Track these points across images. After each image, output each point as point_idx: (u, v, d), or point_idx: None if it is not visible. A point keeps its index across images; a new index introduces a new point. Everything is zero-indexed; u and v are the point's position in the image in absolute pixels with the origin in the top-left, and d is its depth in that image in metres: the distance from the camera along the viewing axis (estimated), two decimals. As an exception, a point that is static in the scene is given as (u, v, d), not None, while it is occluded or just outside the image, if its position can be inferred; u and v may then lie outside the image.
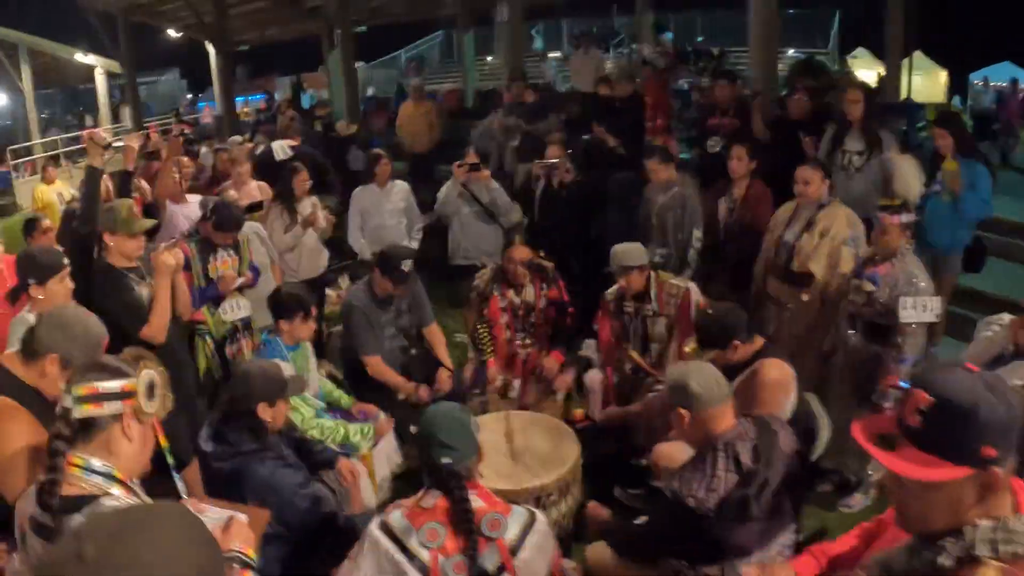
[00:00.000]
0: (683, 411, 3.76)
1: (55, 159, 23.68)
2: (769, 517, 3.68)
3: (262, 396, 4.26)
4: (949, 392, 2.02)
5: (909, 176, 6.26)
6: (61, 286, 4.52)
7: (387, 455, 5.79)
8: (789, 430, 3.95)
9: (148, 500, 2.73)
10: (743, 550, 3.70)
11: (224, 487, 4.15)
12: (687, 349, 5.02)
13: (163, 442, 2.83)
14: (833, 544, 3.20)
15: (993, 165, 7.02)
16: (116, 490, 2.59)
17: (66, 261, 4.59)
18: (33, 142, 25.71)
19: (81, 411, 2.60)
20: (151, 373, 2.74)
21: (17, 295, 4.64)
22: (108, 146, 5.88)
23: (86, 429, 2.62)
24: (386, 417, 5.81)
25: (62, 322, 3.64)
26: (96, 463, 2.61)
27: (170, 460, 2.96)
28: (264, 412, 4.25)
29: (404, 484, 5.77)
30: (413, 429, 6.17)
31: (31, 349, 3.62)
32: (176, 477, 3.11)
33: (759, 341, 4.79)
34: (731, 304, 5.00)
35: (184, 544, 1.65)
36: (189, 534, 1.69)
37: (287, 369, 4.75)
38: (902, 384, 2.17)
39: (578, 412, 6.33)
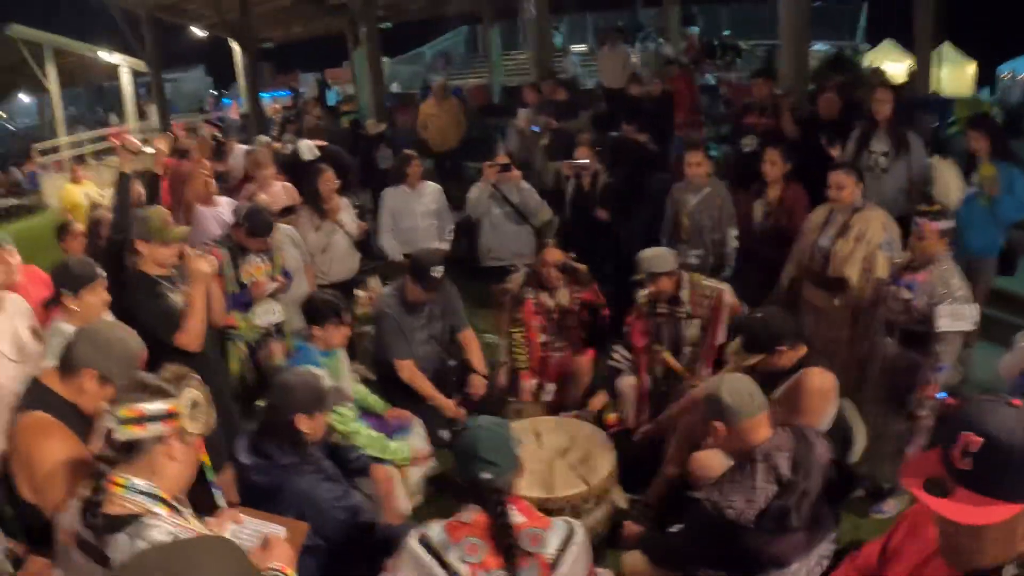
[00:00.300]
0: (719, 424, 3.74)
1: (81, 158, 23.79)
2: (808, 528, 3.67)
3: (301, 407, 4.20)
4: (997, 432, 1.98)
5: (949, 182, 6.19)
6: (95, 297, 4.53)
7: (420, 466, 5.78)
8: (825, 440, 3.93)
9: (191, 518, 2.72)
10: (782, 561, 3.70)
11: (261, 500, 4.09)
12: (730, 349, 4.97)
13: (205, 459, 2.80)
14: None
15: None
16: (159, 509, 2.58)
17: (100, 272, 4.59)
18: (59, 140, 25.79)
19: (124, 433, 2.60)
20: (194, 392, 2.74)
21: (51, 305, 4.63)
22: (139, 153, 5.88)
23: (129, 450, 2.63)
24: (423, 450, 5.78)
25: (100, 338, 3.65)
26: (139, 483, 2.61)
27: (211, 476, 2.93)
28: (302, 423, 4.19)
29: (436, 488, 5.81)
30: (444, 434, 6.25)
31: (69, 365, 3.63)
32: (216, 493, 3.08)
33: (803, 348, 4.74)
34: (779, 309, 4.99)
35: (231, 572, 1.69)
36: (232, 569, 1.72)
37: (327, 380, 4.70)
38: (939, 396, 2.13)
39: (611, 417, 6.26)
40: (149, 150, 6.04)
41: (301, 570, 4.12)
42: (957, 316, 5.03)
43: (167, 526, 2.52)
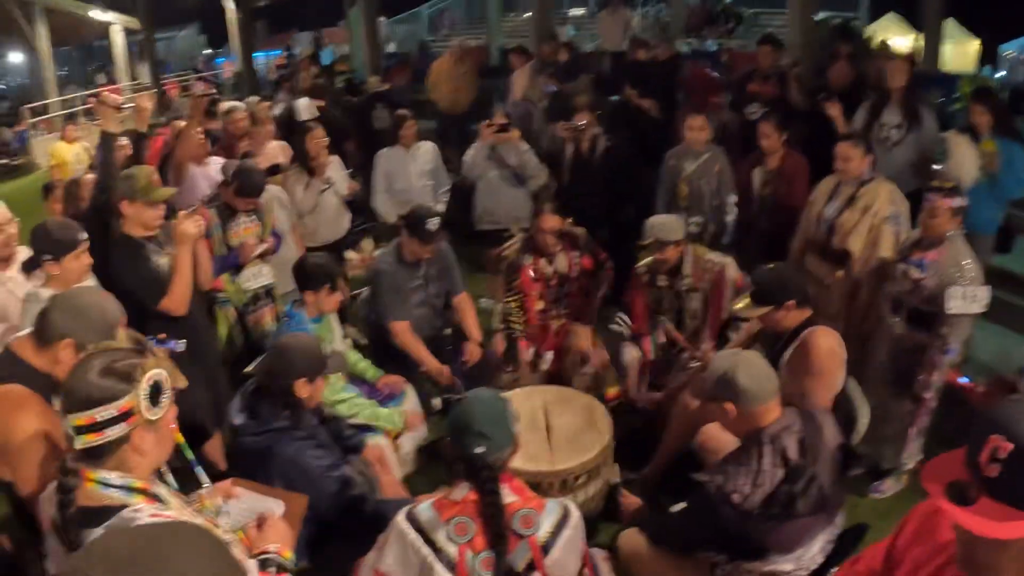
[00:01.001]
0: (729, 406, 3.62)
1: (72, 117, 23.62)
2: (814, 513, 3.56)
3: (302, 372, 4.13)
4: (1017, 432, 1.84)
5: (965, 158, 6.05)
6: (77, 263, 4.37)
7: (412, 436, 5.68)
8: (833, 421, 3.82)
9: (173, 499, 2.56)
10: (786, 546, 3.61)
11: (251, 462, 4.05)
12: (738, 306, 4.86)
13: (179, 438, 2.62)
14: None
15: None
16: (137, 501, 2.41)
17: (83, 236, 4.42)
18: (50, 100, 25.62)
19: (82, 442, 2.40)
20: (152, 372, 2.49)
21: (31, 268, 4.49)
22: (120, 108, 5.69)
23: (93, 456, 2.43)
24: (416, 413, 5.70)
25: (77, 305, 3.49)
26: (112, 477, 2.43)
27: (189, 455, 2.76)
28: (302, 389, 4.14)
29: (428, 457, 5.74)
30: (436, 403, 6.13)
31: (43, 334, 3.48)
32: (198, 471, 2.92)
33: (808, 310, 4.64)
34: (788, 266, 4.98)
35: (203, 568, 1.56)
36: (205, 559, 1.59)
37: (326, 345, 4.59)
38: (961, 380, 1.99)
39: (611, 391, 6.16)
40: (129, 106, 5.86)
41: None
42: (969, 298, 4.90)
43: (147, 519, 2.36)
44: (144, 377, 2.44)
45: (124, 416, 2.39)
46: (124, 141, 6.03)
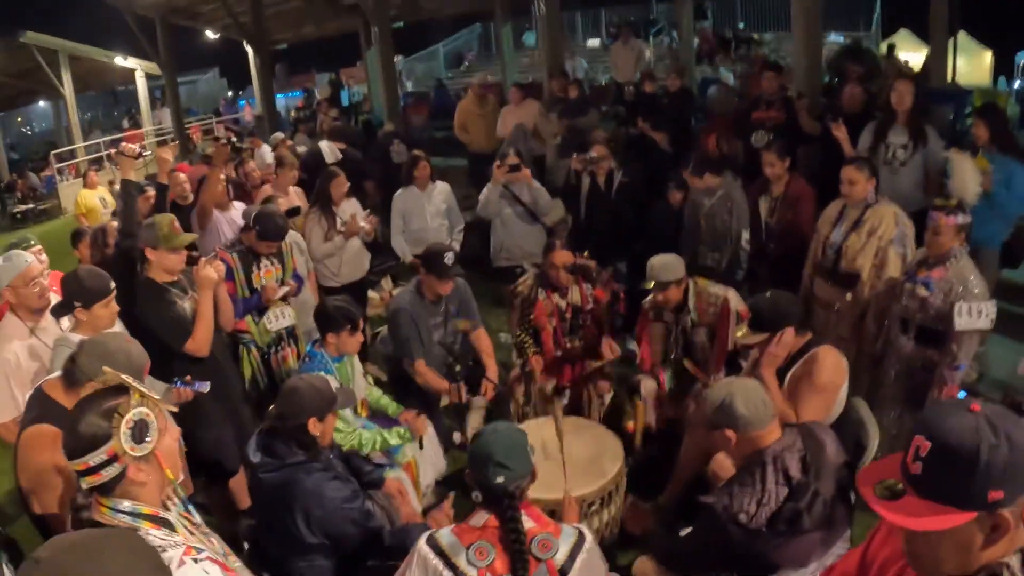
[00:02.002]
0: (729, 433, 3.73)
1: (98, 161, 23.97)
2: (822, 528, 3.63)
3: (312, 411, 4.23)
4: (948, 436, 1.93)
5: (967, 176, 6.11)
6: (106, 311, 4.54)
7: (432, 463, 5.82)
8: (835, 437, 3.91)
9: (181, 526, 2.70)
10: (797, 561, 3.67)
11: (271, 498, 4.16)
12: (737, 335, 4.98)
13: (168, 475, 2.74)
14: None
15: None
16: (144, 526, 2.56)
17: (112, 286, 4.60)
18: (76, 145, 25.98)
19: (87, 483, 2.57)
20: (134, 415, 2.62)
21: (60, 312, 4.64)
22: (139, 156, 5.88)
23: (100, 490, 2.60)
24: (420, 414, 5.74)
25: (104, 350, 3.65)
26: (123, 504, 2.59)
27: (180, 492, 2.89)
28: (314, 427, 4.23)
29: (447, 489, 5.78)
30: (457, 438, 6.23)
31: (73, 377, 3.65)
32: (191, 509, 3.04)
33: (808, 335, 4.75)
34: (786, 293, 4.99)
35: (125, 560, 1.83)
36: (138, 557, 1.87)
37: (334, 382, 4.70)
38: (960, 395, 2.09)
39: (630, 424, 6.21)
40: (146, 153, 6.05)
41: (311, 571, 4.17)
42: (976, 314, 4.98)
43: (156, 539, 2.51)
44: (123, 421, 2.58)
45: (113, 459, 2.55)
46: (150, 191, 6.20)
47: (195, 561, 2.48)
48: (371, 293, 9.07)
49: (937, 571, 2.06)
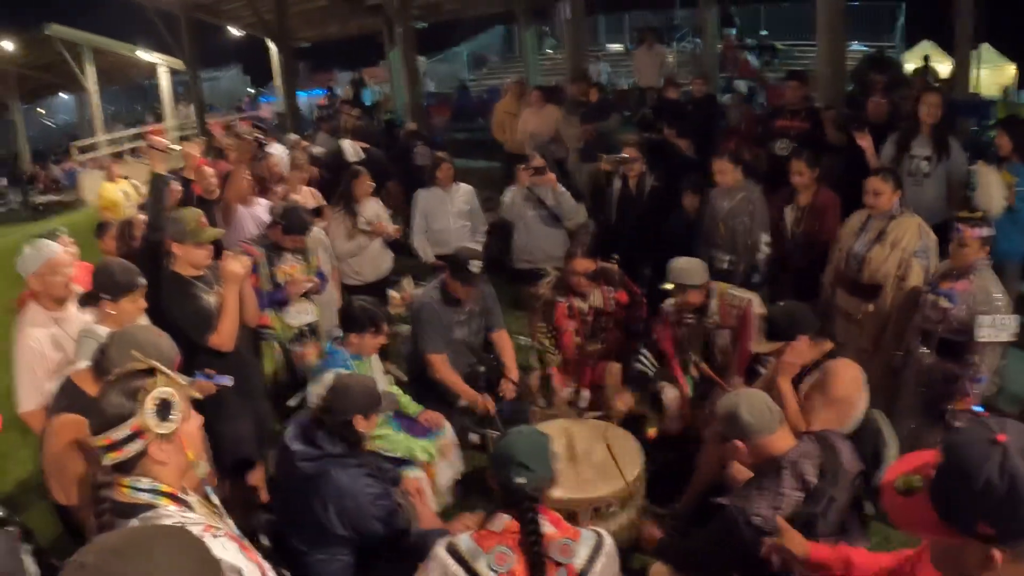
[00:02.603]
0: (739, 443, 3.77)
1: (119, 155, 24.08)
2: (837, 535, 3.66)
3: (360, 409, 4.33)
4: (958, 455, 1.96)
5: (992, 188, 6.11)
6: (133, 305, 4.58)
7: (449, 463, 5.83)
8: (851, 447, 3.94)
9: (200, 508, 2.73)
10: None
11: (302, 486, 4.22)
12: (755, 347, 5.05)
13: (190, 455, 2.78)
14: (860, 555, 3.12)
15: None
16: (163, 503, 2.59)
17: (142, 281, 4.65)
18: (98, 138, 26.12)
19: (109, 459, 2.62)
20: (158, 392, 2.68)
21: (88, 303, 4.68)
22: (168, 150, 5.93)
23: (121, 468, 2.64)
24: (450, 440, 5.84)
25: (134, 342, 3.64)
26: (142, 482, 2.63)
27: (200, 472, 2.91)
28: (360, 424, 4.32)
29: (465, 490, 5.86)
30: (474, 438, 6.25)
31: (103, 368, 3.67)
32: (209, 491, 3.06)
33: (828, 344, 4.78)
34: (801, 304, 5.04)
35: (175, 560, 1.77)
36: (183, 551, 1.81)
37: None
38: (976, 408, 2.10)
39: (651, 431, 6.18)
40: (176, 148, 6.10)
41: (332, 563, 4.19)
42: (998, 326, 4.99)
43: (176, 516, 2.55)
44: (148, 397, 2.63)
45: (137, 434, 2.60)
46: (177, 185, 6.25)
47: (214, 537, 2.50)
48: (391, 292, 9.10)
49: (943, 571, 2.12)
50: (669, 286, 6.04)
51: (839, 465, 3.72)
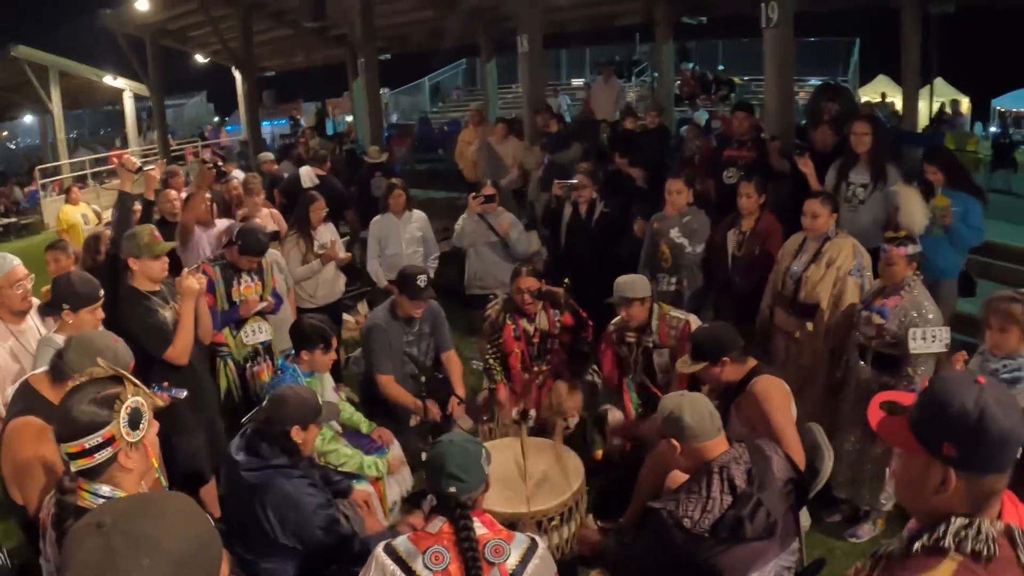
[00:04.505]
0: (675, 442, 3.94)
1: (82, 179, 24.06)
2: (764, 538, 3.81)
3: (296, 419, 4.39)
4: (942, 384, 2.17)
5: (914, 207, 6.35)
6: (91, 316, 4.71)
7: (398, 479, 5.92)
8: (783, 455, 4.11)
9: None
10: (738, 570, 3.82)
11: (247, 496, 4.28)
12: (679, 364, 5.22)
13: (154, 462, 2.90)
14: None
15: (984, 194, 7.15)
16: None
17: (101, 293, 4.77)
18: (61, 162, 26.06)
19: (77, 465, 2.72)
20: (132, 402, 2.80)
21: (48, 313, 4.79)
22: (139, 170, 6.07)
23: (87, 475, 2.75)
24: (398, 457, 5.95)
25: (91, 346, 3.79)
26: (103, 490, 2.74)
27: (163, 480, 3.05)
28: (297, 435, 4.39)
29: (415, 507, 5.90)
30: (424, 456, 6.36)
31: (59, 372, 3.79)
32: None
33: (751, 362, 4.98)
34: (727, 323, 5.24)
35: (186, 519, 1.83)
36: (191, 512, 1.87)
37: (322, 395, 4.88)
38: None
39: (598, 453, 6.31)
40: (149, 167, 6.23)
41: (277, 573, 4.31)
42: (930, 338, 5.19)
43: None
44: (123, 407, 2.75)
45: (109, 442, 2.71)
46: (136, 206, 6.37)
47: None
48: (346, 316, 9.22)
49: (904, 498, 2.33)
50: (613, 300, 6.22)
51: (768, 472, 3.89)
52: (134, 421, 2.77)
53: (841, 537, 5.71)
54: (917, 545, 2.16)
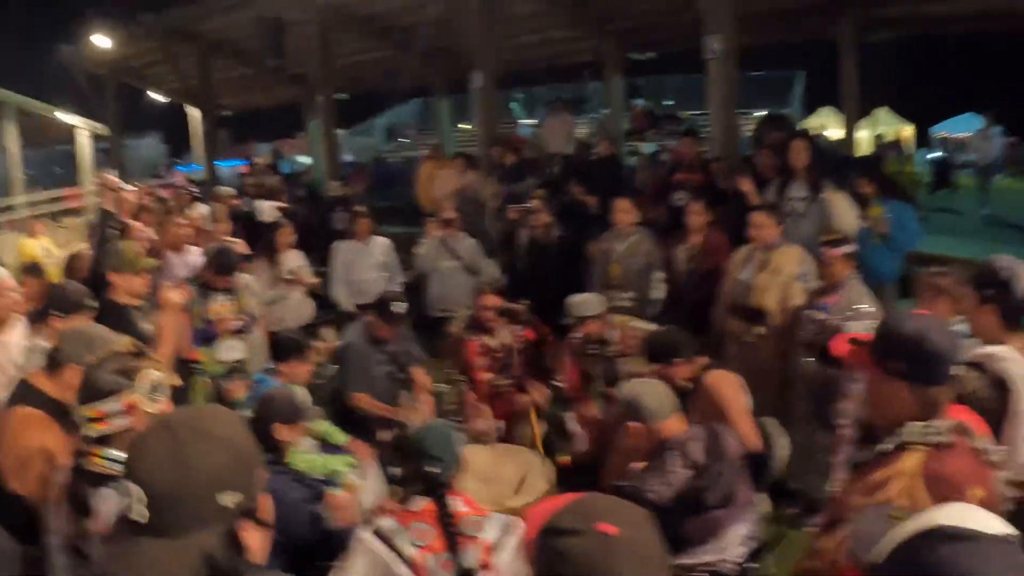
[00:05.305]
0: (637, 425, 4.26)
1: (38, 217, 23.94)
2: (724, 506, 4.15)
3: (281, 417, 4.58)
4: (892, 318, 2.79)
5: (844, 210, 6.76)
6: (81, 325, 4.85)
7: (373, 490, 6.08)
8: (735, 435, 4.44)
9: None
10: (702, 538, 4.15)
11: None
12: (634, 365, 5.61)
13: None
14: None
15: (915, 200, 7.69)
16: None
17: (93, 304, 4.96)
18: (16, 199, 25.89)
19: (94, 431, 2.88)
20: (151, 375, 2.97)
21: (38, 320, 4.95)
22: (118, 190, 6.27)
23: (102, 441, 2.90)
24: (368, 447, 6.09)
25: (84, 336, 3.95)
26: (115, 453, 2.87)
27: None
28: (280, 432, 4.56)
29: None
30: (397, 471, 6.55)
31: (55, 363, 3.93)
32: None
33: (702, 361, 5.27)
34: (677, 327, 5.57)
35: (237, 422, 2.08)
36: (237, 418, 2.11)
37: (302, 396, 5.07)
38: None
39: (563, 459, 6.43)
40: (130, 187, 6.44)
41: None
42: (867, 330, 5.49)
43: None
44: (145, 376, 2.93)
45: (127, 410, 2.88)
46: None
47: None
48: (313, 343, 9.37)
49: (870, 415, 2.86)
50: (569, 321, 6.52)
51: (723, 447, 4.21)
52: (153, 392, 2.93)
53: (799, 527, 5.90)
54: (884, 446, 2.61)
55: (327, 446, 6.07)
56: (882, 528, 1.78)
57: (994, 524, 1.59)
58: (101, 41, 21.18)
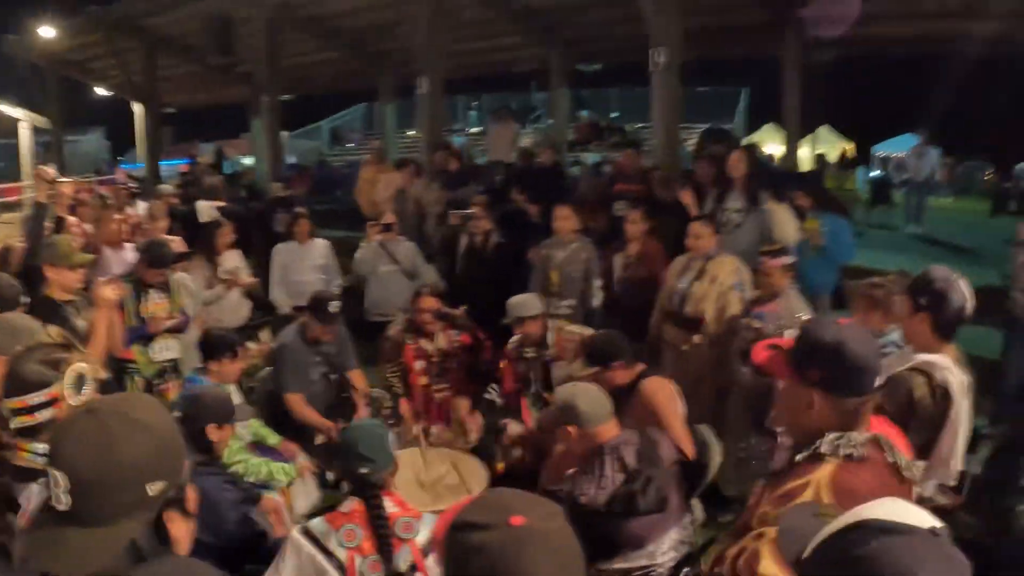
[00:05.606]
0: (571, 428, 4.28)
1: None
2: (657, 511, 4.16)
3: (213, 417, 4.49)
4: (811, 325, 2.73)
5: (784, 222, 6.88)
6: None
7: (306, 492, 6.06)
8: (670, 441, 4.50)
9: None
10: (636, 542, 4.18)
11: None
12: (572, 369, 5.64)
13: None
14: None
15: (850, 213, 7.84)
16: None
17: (25, 299, 4.89)
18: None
19: (17, 422, 2.82)
20: (77, 367, 2.89)
21: None
22: (53, 182, 6.18)
23: (27, 433, 2.84)
24: (307, 459, 6.08)
25: (12, 326, 3.83)
26: (41, 447, 2.77)
27: None
28: (212, 433, 4.47)
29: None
30: (330, 476, 6.55)
31: None
32: None
33: (640, 366, 5.32)
34: (616, 332, 5.59)
35: (162, 410, 2.06)
36: (162, 407, 2.10)
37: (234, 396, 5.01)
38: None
39: (499, 465, 6.40)
40: (65, 180, 6.35)
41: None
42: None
43: None
44: (69, 369, 2.86)
45: (52, 401, 2.82)
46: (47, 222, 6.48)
47: None
48: (249, 344, 9.31)
49: (783, 422, 2.91)
50: (508, 321, 6.56)
51: (656, 452, 4.27)
52: (78, 384, 2.87)
53: (732, 534, 6.02)
54: (799, 457, 2.58)
55: (261, 447, 6.07)
56: (810, 525, 1.80)
57: (923, 518, 1.61)
58: (46, 32, 20.83)
